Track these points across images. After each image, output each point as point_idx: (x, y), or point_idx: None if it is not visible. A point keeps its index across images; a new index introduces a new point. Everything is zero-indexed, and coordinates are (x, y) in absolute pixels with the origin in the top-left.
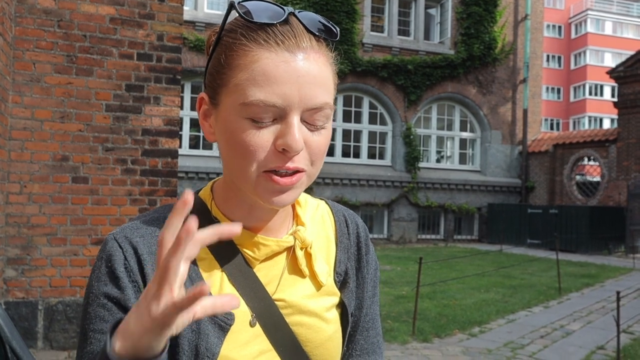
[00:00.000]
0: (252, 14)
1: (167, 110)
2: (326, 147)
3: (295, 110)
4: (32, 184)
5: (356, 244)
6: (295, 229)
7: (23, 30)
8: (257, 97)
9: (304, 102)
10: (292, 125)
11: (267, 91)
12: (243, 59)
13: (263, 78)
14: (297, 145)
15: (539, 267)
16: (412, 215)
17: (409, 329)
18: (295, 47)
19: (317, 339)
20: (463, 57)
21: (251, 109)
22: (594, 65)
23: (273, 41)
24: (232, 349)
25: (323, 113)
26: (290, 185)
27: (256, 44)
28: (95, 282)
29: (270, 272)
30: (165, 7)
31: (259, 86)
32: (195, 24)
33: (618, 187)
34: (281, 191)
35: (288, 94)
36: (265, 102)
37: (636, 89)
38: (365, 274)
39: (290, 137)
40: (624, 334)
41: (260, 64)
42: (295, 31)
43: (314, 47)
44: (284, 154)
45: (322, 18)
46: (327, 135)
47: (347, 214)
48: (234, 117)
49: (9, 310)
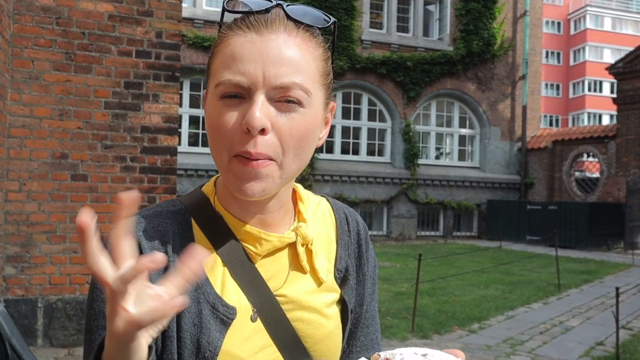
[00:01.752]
0: (234, 4)
1: (166, 107)
2: (303, 135)
3: (260, 89)
4: (31, 182)
5: (356, 241)
6: (297, 225)
7: (21, 28)
8: (225, 77)
9: (268, 81)
10: (255, 102)
11: (233, 70)
12: (219, 45)
13: (230, 59)
14: (255, 122)
15: (538, 263)
16: (412, 212)
17: (409, 326)
18: (264, 29)
19: (317, 335)
20: (462, 53)
21: (220, 89)
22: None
23: (244, 25)
24: (233, 344)
25: (293, 94)
26: (256, 168)
27: (230, 30)
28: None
29: (272, 268)
30: (163, 4)
31: (227, 67)
32: (194, 21)
33: (617, 183)
34: (249, 178)
35: (252, 72)
36: (230, 80)
37: (635, 85)
38: (366, 270)
39: (249, 113)
40: (623, 330)
41: (230, 47)
42: (270, 17)
43: (289, 31)
44: (249, 134)
45: (316, 10)
46: (302, 121)
47: (347, 212)
48: (212, 102)
49: (9, 307)
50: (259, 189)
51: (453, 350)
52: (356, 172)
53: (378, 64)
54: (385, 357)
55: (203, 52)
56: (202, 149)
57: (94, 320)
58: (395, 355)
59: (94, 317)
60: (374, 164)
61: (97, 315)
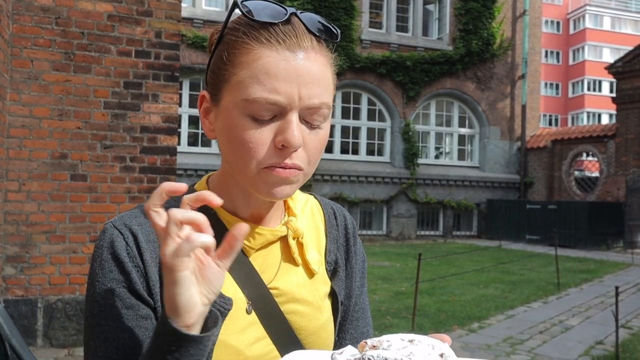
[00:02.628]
0: (254, 13)
1: (166, 107)
2: (323, 147)
3: (295, 108)
4: (30, 182)
5: (344, 235)
6: (288, 219)
7: (21, 28)
8: (259, 94)
9: (303, 101)
10: (292, 122)
11: (269, 88)
12: (245, 56)
13: (265, 76)
14: (296, 141)
15: (538, 262)
16: (411, 212)
17: (409, 325)
18: (296, 47)
19: (311, 327)
20: (461, 53)
21: (253, 105)
22: (592, 60)
23: (274, 40)
24: (229, 335)
25: (321, 113)
26: (289, 177)
27: (258, 42)
28: (99, 271)
29: (265, 261)
30: (163, 4)
31: (260, 83)
32: (193, 20)
33: (616, 182)
34: (280, 183)
35: (289, 92)
36: (267, 99)
37: (634, 85)
38: (354, 264)
39: (289, 133)
40: (623, 329)
41: (262, 62)
42: (297, 31)
43: (315, 47)
44: (283, 150)
45: (323, 19)
46: (324, 135)
47: (335, 207)
48: (235, 114)
49: (9, 308)
50: (288, 192)
51: (440, 335)
52: (356, 171)
53: (377, 64)
54: (372, 344)
55: (202, 52)
56: (202, 148)
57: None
58: (382, 342)
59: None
60: (373, 163)
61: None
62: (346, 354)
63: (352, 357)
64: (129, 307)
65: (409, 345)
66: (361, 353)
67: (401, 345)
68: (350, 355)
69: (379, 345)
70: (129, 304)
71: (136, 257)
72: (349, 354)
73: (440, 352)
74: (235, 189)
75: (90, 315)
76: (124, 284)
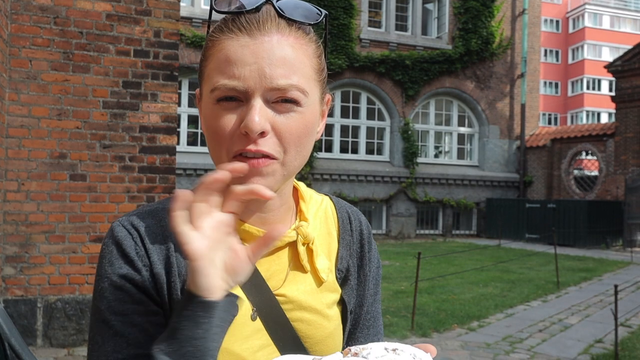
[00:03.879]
0: (220, 4)
1: (165, 106)
2: (302, 133)
3: (257, 92)
4: (29, 182)
5: (359, 241)
6: (298, 225)
7: (19, 27)
8: (220, 82)
9: (264, 82)
10: (252, 107)
11: (228, 75)
12: (212, 49)
13: (225, 64)
14: (254, 126)
15: (537, 261)
16: (411, 211)
17: (408, 324)
18: (256, 31)
19: (317, 336)
20: (461, 52)
21: (215, 94)
22: (591, 59)
23: (236, 28)
24: (234, 342)
25: (290, 94)
26: (257, 167)
27: (221, 33)
28: (108, 267)
29: (272, 267)
30: (161, 3)
31: (221, 72)
32: (192, 20)
33: (616, 181)
34: (251, 175)
35: (246, 76)
36: (226, 85)
37: (634, 83)
38: (367, 271)
39: (249, 118)
40: (622, 328)
41: (223, 52)
42: (262, 17)
43: (282, 31)
44: (247, 136)
45: (309, 5)
46: (300, 119)
47: (350, 211)
48: (208, 105)
49: (8, 308)
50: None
51: (424, 345)
52: (355, 171)
53: (377, 63)
54: (354, 351)
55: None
56: (201, 148)
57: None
58: (365, 349)
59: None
60: (373, 162)
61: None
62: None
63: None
64: (138, 303)
65: (389, 354)
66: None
67: (381, 354)
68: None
69: (360, 353)
70: (138, 300)
71: (144, 256)
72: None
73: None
74: None
75: (97, 312)
76: (133, 280)
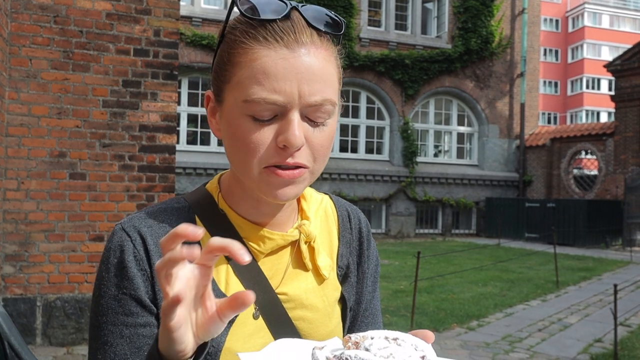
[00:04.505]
0: (252, 10)
1: (164, 105)
2: (329, 144)
3: (296, 107)
4: (29, 181)
5: (358, 238)
6: (301, 223)
7: (19, 26)
8: (258, 95)
9: (304, 99)
10: (292, 121)
11: (268, 88)
12: (243, 56)
13: (263, 76)
14: (296, 141)
15: (537, 260)
16: (410, 210)
17: (407, 323)
18: (294, 43)
19: (319, 334)
20: (460, 51)
21: (252, 106)
22: (591, 58)
23: (272, 38)
24: (236, 341)
25: (324, 109)
26: (292, 179)
27: (256, 41)
28: (105, 274)
29: (275, 266)
30: (161, 2)
31: (259, 84)
32: (192, 19)
33: (615, 180)
34: (283, 185)
35: (288, 91)
36: (265, 99)
37: (633, 83)
38: (366, 268)
39: (290, 133)
40: (621, 327)
41: (260, 62)
42: (296, 27)
43: (315, 42)
44: (285, 150)
45: (328, 11)
46: (329, 131)
47: (350, 209)
48: (236, 114)
49: (7, 306)
50: (293, 194)
51: (423, 332)
52: (355, 170)
53: (376, 62)
54: (355, 339)
55: (201, 50)
56: (201, 147)
57: (101, 316)
58: (365, 338)
59: (101, 313)
60: (372, 162)
61: (105, 311)
62: (326, 350)
63: (331, 355)
64: (128, 314)
65: (391, 344)
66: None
67: (383, 344)
68: (330, 352)
69: (361, 342)
70: (129, 311)
71: (143, 261)
72: (329, 350)
73: (422, 354)
74: (244, 191)
75: (94, 316)
76: (126, 289)
